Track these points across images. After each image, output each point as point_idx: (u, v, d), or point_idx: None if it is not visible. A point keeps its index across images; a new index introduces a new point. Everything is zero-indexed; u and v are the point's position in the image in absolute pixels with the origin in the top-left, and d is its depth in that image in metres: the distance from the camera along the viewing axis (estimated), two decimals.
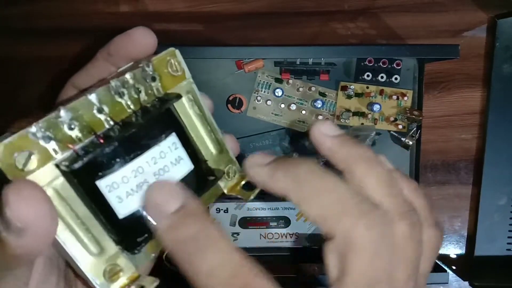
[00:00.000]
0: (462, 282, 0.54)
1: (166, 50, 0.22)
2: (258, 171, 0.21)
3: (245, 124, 0.51)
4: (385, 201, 0.19)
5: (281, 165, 0.20)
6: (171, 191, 0.19)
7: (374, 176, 0.20)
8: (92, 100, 0.18)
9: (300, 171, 0.20)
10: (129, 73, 0.19)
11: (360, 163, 0.20)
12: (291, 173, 0.20)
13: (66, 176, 0.18)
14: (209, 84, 0.51)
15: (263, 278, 0.18)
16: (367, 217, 0.18)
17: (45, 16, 0.51)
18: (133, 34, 0.23)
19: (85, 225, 0.19)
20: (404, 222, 0.19)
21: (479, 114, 0.53)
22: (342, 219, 0.18)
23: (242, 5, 0.52)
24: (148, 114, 0.20)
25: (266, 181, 0.20)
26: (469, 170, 0.54)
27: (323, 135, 0.21)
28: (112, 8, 0.51)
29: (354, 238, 0.18)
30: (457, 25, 0.52)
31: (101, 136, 0.18)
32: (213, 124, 0.24)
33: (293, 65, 0.49)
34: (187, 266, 0.18)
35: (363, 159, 0.20)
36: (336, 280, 0.18)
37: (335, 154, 0.21)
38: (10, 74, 0.52)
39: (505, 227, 0.52)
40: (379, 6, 0.52)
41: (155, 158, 0.20)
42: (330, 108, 0.51)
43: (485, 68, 0.52)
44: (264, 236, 0.48)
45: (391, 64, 0.50)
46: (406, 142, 0.50)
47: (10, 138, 0.16)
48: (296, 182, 0.19)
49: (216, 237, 0.18)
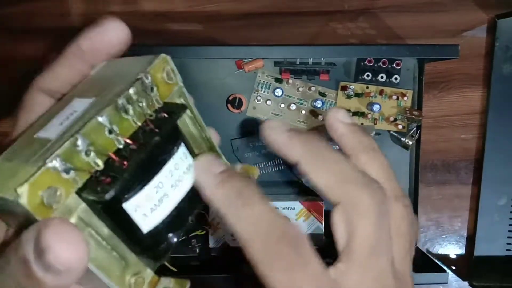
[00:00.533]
0: (462, 282, 0.54)
1: (159, 58, 0.21)
2: (276, 136, 0.23)
3: (245, 124, 0.51)
4: (384, 183, 0.22)
5: (298, 135, 0.22)
6: (215, 159, 0.22)
7: (376, 163, 0.23)
8: (103, 122, 0.18)
9: (314, 143, 0.22)
10: (132, 88, 0.19)
11: (366, 151, 0.23)
12: (307, 143, 0.22)
13: (91, 204, 0.18)
14: (209, 84, 0.51)
15: (296, 228, 0.20)
16: (370, 188, 0.21)
17: (45, 16, 0.51)
18: (108, 27, 0.21)
19: (110, 246, 0.19)
20: (401, 203, 0.22)
21: (479, 114, 0.53)
22: (349, 187, 0.21)
23: (242, 5, 0.52)
24: (161, 130, 0.19)
25: (282, 147, 0.23)
26: (469, 170, 0.54)
27: (337, 121, 0.24)
28: (112, 8, 0.51)
29: (359, 202, 0.20)
30: (457, 25, 0.52)
31: (120, 159, 0.18)
32: (202, 122, 0.25)
33: (293, 65, 0.49)
34: (233, 218, 0.20)
35: (369, 148, 0.23)
36: (345, 246, 0.21)
37: (346, 140, 0.24)
38: (10, 74, 0.52)
39: (505, 227, 0.52)
40: (379, 6, 0.52)
41: (171, 170, 0.20)
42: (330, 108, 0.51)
43: (485, 68, 0.52)
44: None
45: (391, 64, 0.50)
46: (406, 142, 0.50)
47: (33, 178, 0.15)
48: (310, 152, 0.22)
49: (257, 193, 0.21)
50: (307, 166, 0.22)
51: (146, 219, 0.20)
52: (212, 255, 0.50)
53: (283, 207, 0.48)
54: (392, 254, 0.21)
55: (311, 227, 0.49)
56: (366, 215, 0.20)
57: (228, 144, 0.51)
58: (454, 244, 0.54)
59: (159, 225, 0.20)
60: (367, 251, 0.20)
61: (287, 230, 0.20)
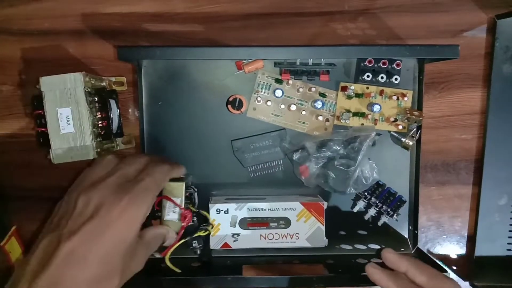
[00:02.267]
0: (463, 282, 0.54)
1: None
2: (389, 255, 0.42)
3: (245, 124, 0.51)
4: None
5: (404, 256, 0.41)
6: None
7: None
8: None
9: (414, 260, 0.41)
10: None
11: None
12: (410, 259, 0.41)
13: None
14: (209, 85, 0.51)
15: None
16: (450, 280, 0.40)
17: (45, 16, 0.51)
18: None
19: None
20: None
21: (479, 114, 0.53)
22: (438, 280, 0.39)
23: (242, 5, 0.52)
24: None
25: (394, 261, 0.41)
26: (469, 170, 0.54)
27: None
28: (112, 10, 0.51)
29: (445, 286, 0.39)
30: (457, 25, 0.52)
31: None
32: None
33: (293, 65, 0.49)
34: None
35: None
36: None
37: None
38: (10, 74, 0.52)
39: (505, 227, 0.52)
40: (379, 7, 0.52)
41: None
42: (330, 108, 0.51)
43: (485, 68, 0.52)
44: (264, 236, 0.48)
45: (391, 65, 0.50)
46: (406, 142, 0.50)
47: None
48: (412, 263, 0.40)
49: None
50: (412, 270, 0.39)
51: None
52: (213, 256, 0.50)
53: (284, 208, 0.48)
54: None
55: (312, 227, 0.49)
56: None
57: (228, 144, 0.51)
58: (455, 244, 0.54)
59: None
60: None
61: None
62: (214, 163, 0.52)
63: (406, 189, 0.52)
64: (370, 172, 0.50)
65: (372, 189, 0.51)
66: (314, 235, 0.49)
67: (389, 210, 0.51)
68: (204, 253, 0.49)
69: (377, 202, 0.51)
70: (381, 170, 0.51)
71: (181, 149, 0.51)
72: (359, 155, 0.48)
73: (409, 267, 0.39)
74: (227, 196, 0.51)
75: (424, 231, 0.54)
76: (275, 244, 0.49)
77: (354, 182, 0.50)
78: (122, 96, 0.52)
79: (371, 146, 0.49)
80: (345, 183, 0.50)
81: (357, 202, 0.52)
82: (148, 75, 0.50)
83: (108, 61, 0.52)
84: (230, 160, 0.51)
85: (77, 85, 0.44)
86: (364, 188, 0.50)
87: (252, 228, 0.48)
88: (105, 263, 0.33)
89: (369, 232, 0.53)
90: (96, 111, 0.47)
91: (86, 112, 0.44)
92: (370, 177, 0.50)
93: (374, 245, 0.52)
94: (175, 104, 0.51)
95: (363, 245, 0.52)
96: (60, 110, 0.44)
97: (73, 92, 0.44)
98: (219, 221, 0.48)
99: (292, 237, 0.49)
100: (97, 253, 0.33)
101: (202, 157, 0.51)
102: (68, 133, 0.44)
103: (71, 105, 0.44)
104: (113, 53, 0.51)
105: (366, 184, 0.50)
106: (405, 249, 0.52)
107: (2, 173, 0.52)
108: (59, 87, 0.44)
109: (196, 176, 0.51)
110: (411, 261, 0.40)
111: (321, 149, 0.50)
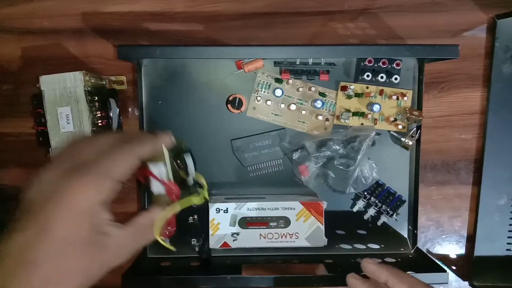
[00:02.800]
0: (462, 282, 0.54)
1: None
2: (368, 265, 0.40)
3: (245, 124, 0.51)
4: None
5: (384, 265, 0.40)
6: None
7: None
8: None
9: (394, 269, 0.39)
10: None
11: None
12: (389, 269, 0.39)
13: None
14: (209, 84, 0.51)
15: None
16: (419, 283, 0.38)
17: (45, 16, 0.51)
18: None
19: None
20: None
21: (479, 114, 0.53)
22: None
23: (242, 5, 0.52)
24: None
25: (373, 272, 0.40)
26: (469, 170, 0.54)
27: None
28: (112, 9, 0.51)
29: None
30: (457, 25, 0.52)
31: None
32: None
33: (293, 65, 0.49)
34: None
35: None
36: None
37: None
38: (10, 73, 0.52)
39: (505, 227, 0.52)
40: (379, 6, 0.52)
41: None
42: (330, 108, 0.51)
43: (485, 68, 0.52)
44: (264, 236, 0.48)
45: (391, 64, 0.50)
46: (406, 142, 0.50)
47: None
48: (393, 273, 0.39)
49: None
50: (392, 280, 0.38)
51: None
52: (213, 255, 0.50)
53: (283, 207, 0.48)
54: None
55: (311, 227, 0.49)
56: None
57: (228, 144, 0.51)
58: (454, 244, 0.54)
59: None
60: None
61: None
62: (213, 162, 0.52)
63: (406, 189, 0.52)
64: (369, 171, 0.50)
65: (371, 188, 0.51)
66: (314, 235, 0.49)
67: (388, 209, 0.51)
68: (203, 251, 0.49)
69: (377, 202, 0.51)
70: (380, 170, 0.51)
71: None
72: (359, 155, 0.48)
73: (389, 276, 0.38)
74: (226, 195, 0.51)
75: (424, 231, 0.54)
76: (275, 243, 0.49)
77: (353, 182, 0.50)
78: (122, 95, 0.52)
79: (370, 146, 0.49)
80: (345, 182, 0.50)
81: (356, 202, 0.52)
82: (148, 74, 0.50)
83: (108, 60, 0.52)
84: (229, 159, 0.51)
85: (77, 84, 0.44)
86: (364, 187, 0.50)
87: (252, 228, 0.48)
88: (56, 262, 0.30)
89: (368, 232, 0.53)
90: (96, 110, 0.47)
91: (86, 111, 0.44)
92: (369, 176, 0.50)
93: (374, 244, 0.52)
94: (175, 103, 0.51)
95: (363, 245, 0.52)
96: (60, 109, 0.44)
97: (73, 91, 0.44)
98: (219, 220, 0.48)
99: (292, 236, 0.49)
100: (46, 252, 0.29)
101: (201, 156, 0.51)
102: (68, 132, 0.44)
103: (71, 104, 0.44)
104: (113, 52, 0.51)
105: (366, 184, 0.50)
106: (405, 249, 0.52)
107: (2, 172, 0.52)
108: (59, 86, 0.44)
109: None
110: (390, 270, 0.39)
111: (321, 149, 0.50)
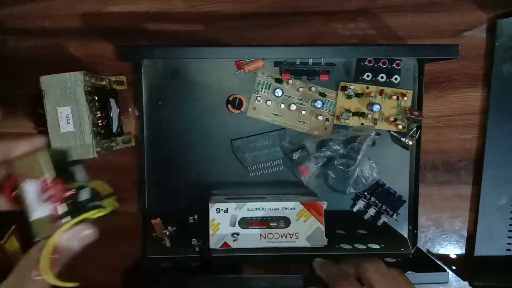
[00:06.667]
0: (462, 282, 0.54)
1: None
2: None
3: (245, 124, 0.51)
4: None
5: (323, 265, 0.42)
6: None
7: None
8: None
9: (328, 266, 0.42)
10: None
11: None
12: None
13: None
14: (209, 84, 0.51)
15: None
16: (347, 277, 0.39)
17: (45, 16, 0.51)
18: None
19: None
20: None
21: (479, 114, 0.53)
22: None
23: (242, 5, 0.52)
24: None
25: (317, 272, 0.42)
26: (469, 170, 0.54)
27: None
28: (112, 9, 0.51)
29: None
30: (457, 25, 0.52)
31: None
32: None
33: (293, 65, 0.49)
34: None
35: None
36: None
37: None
38: (10, 74, 0.52)
39: (505, 227, 0.52)
40: (379, 6, 0.52)
41: None
42: (330, 108, 0.51)
43: (485, 68, 0.52)
44: (264, 236, 0.48)
45: (391, 64, 0.50)
46: (406, 142, 0.50)
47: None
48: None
49: None
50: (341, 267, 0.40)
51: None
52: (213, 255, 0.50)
53: (283, 207, 0.48)
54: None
55: (311, 227, 0.49)
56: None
57: (228, 144, 0.51)
58: (454, 244, 0.54)
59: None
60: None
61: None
62: (214, 163, 0.52)
63: (406, 188, 0.52)
64: (369, 171, 0.50)
65: (371, 188, 0.51)
66: (314, 235, 0.49)
67: (388, 209, 0.51)
68: (204, 252, 0.49)
69: (377, 202, 0.51)
70: (380, 170, 0.51)
71: (181, 148, 0.51)
72: (359, 155, 0.48)
73: (336, 266, 0.41)
74: (227, 195, 0.51)
75: (424, 231, 0.54)
76: (275, 243, 0.49)
77: (353, 182, 0.50)
78: (122, 95, 0.52)
79: (371, 146, 0.49)
80: (345, 182, 0.50)
81: (356, 202, 0.52)
82: (148, 75, 0.50)
83: (108, 60, 0.52)
84: (230, 159, 0.51)
85: (77, 84, 0.44)
86: (364, 187, 0.50)
87: (252, 228, 0.48)
88: None
89: (368, 232, 0.53)
90: (96, 110, 0.47)
91: (86, 111, 0.44)
92: (369, 176, 0.50)
93: (374, 244, 0.52)
94: (175, 103, 0.51)
95: (363, 245, 0.52)
96: (60, 109, 0.44)
97: (73, 91, 0.44)
98: (219, 220, 0.48)
99: (292, 236, 0.49)
100: None
101: (202, 156, 0.51)
102: (68, 132, 0.44)
103: (71, 104, 0.44)
104: (113, 52, 0.51)
105: (366, 184, 0.50)
106: (405, 248, 0.52)
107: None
108: (59, 86, 0.44)
109: (196, 175, 0.51)
110: (333, 263, 0.41)
111: (321, 149, 0.50)
